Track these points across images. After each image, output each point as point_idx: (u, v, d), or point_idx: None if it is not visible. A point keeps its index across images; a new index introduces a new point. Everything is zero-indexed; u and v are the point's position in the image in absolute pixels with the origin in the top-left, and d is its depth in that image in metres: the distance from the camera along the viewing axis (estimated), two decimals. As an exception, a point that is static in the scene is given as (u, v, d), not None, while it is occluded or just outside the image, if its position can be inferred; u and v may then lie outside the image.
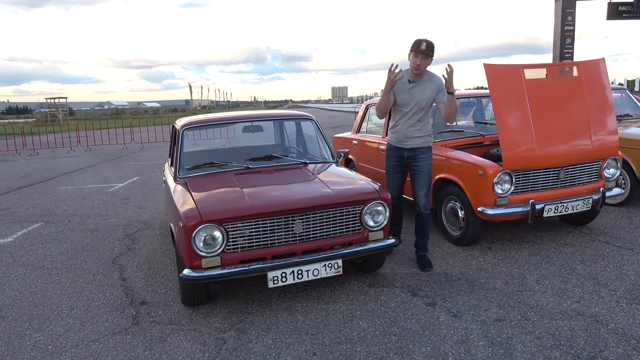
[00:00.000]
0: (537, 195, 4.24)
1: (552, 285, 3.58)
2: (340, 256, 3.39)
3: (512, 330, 2.96)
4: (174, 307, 3.60)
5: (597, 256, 4.11)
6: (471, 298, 3.45)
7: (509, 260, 4.13)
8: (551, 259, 4.11)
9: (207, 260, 3.18)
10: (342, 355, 2.80)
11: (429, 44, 3.75)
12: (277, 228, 3.29)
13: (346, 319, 3.24)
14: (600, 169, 4.48)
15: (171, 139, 5.55)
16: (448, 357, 2.71)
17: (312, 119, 4.72)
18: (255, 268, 3.22)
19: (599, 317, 3.06)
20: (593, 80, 4.40)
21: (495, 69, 4.18)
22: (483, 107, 5.96)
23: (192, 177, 3.93)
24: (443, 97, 3.82)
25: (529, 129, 4.13)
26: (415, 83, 3.91)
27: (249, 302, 3.60)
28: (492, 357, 2.68)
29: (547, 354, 2.68)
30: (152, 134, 20.16)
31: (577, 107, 4.31)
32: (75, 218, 6.60)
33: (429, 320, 3.15)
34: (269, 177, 3.95)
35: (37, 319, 3.51)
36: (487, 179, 4.10)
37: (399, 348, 2.83)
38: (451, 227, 4.66)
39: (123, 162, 13.04)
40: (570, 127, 4.27)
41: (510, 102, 4.16)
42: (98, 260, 4.77)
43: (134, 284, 4.11)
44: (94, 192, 8.54)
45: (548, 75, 4.31)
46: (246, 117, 4.68)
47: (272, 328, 3.18)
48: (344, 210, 3.44)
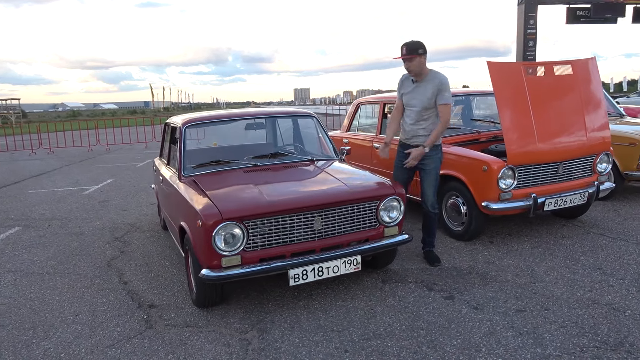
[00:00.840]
0: (538, 189, 4.35)
1: (561, 276, 3.68)
2: (359, 252, 3.37)
3: (535, 320, 3.02)
4: (186, 309, 3.48)
5: (596, 247, 4.25)
6: (487, 291, 3.49)
7: (513, 254, 4.22)
8: (553, 251, 4.23)
9: (227, 259, 3.09)
10: (374, 350, 2.78)
11: (408, 46, 3.88)
12: (296, 225, 3.24)
13: (368, 315, 3.22)
14: (593, 164, 4.65)
15: (162, 137, 5.39)
16: (481, 349, 2.73)
17: (313, 116, 4.68)
18: (276, 266, 3.16)
19: (614, 305, 3.16)
20: (586, 78, 4.57)
21: (497, 67, 4.27)
22: (471, 105, 6.07)
23: (199, 176, 3.82)
24: (441, 99, 3.90)
25: (530, 125, 4.24)
26: (418, 83, 4.00)
27: (264, 301, 3.53)
28: (523, 346, 2.72)
29: (575, 341, 2.75)
30: (119, 136, 19.56)
31: (573, 104, 4.46)
32: (55, 222, 6.30)
33: (452, 314, 3.17)
34: (281, 174, 3.89)
35: (41, 326, 3.32)
36: (492, 174, 4.18)
37: (429, 342, 2.84)
38: (453, 222, 4.72)
39: (91, 165, 12.58)
40: (568, 123, 4.41)
41: (513, 99, 4.26)
42: (92, 264, 4.57)
43: (136, 287, 3.96)
44: (68, 195, 8.19)
45: (546, 73, 4.43)
46: (248, 114, 4.60)
47: (295, 327, 3.12)
48: (361, 207, 3.42)
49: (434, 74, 3.97)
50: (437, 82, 3.92)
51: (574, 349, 2.67)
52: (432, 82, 3.94)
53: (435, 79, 3.93)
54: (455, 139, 5.04)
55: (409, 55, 3.87)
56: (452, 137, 5.09)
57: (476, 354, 2.67)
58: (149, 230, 5.69)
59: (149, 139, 18.33)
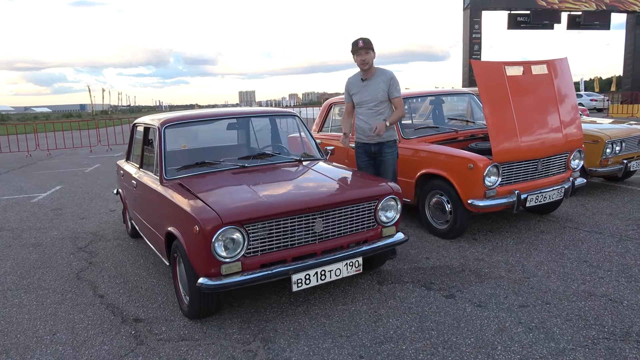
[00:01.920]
0: (520, 186, 4.43)
1: (552, 270, 3.76)
2: (360, 254, 3.28)
3: (540, 315, 3.04)
4: (176, 321, 3.25)
5: (576, 241, 4.39)
6: (485, 287, 3.50)
7: (499, 250, 4.27)
8: (537, 246, 4.32)
9: (228, 266, 2.90)
10: (390, 354, 2.69)
11: (365, 40, 4.09)
12: (297, 228, 3.10)
13: (373, 318, 3.13)
14: (567, 160, 4.81)
15: (131, 139, 5.06)
16: (496, 347, 2.71)
17: (296, 116, 4.55)
18: (279, 271, 3.00)
19: (610, 296, 3.24)
20: (561, 77, 4.71)
21: (481, 66, 4.33)
22: (441, 105, 6.15)
23: (185, 178, 3.59)
24: (395, 92, 4.12)
25: (513, 123, 4.31)
26: (368, 80, 4.19)
27: (260, 309, 3.35)
28: (536, 342, 2.73)
29: (584, 334, 2.78)
30: (60, 140, 18.45)
31: (549, 103, 4.58)
32: (6, 233, 5.78)
33: (457, 313, 3.13)
34: (272, 175, 3.73)
35: (15, 349, 2.99)
36: (478, 171, 4.21)
37: (443, 342, 2.78)
38: (437, 221, 4.73)
39: (34, 171, 11.75)
40: (546, 121, 4.53)
41: (497, 97, 4.32)
42: (58, 278, 4.20)
43: (115, 300, 3.66)
44: (14, 204, 7.57)
45: (524, 73, 4.53)
46: (229, 113, 4.39)
47: (301, 334, 2.98)
48: (360, 207, 3.33)
49: (382, 71, 4.22)
50: (387, 77, 4.15)
51: (585, 341, 2.70)
52: (382, 77, 4.16)
53: (384, 75, 4.17)
54: (434, 137, 5.07)
55: (366, 47, 4.07)
56: (432, 136, 5.12)
57: (493, 352, 2.65)
58: (115, 239, 5.33)
59: (93, 143, 17.43)
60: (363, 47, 4.06)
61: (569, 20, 21.71)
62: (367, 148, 4.32)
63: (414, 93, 5.93)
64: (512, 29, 21.51)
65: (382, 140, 4.22)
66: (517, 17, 21.07)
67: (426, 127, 5.28)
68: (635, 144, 6.02)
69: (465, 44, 20.89)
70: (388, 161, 4.27)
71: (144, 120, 4.50)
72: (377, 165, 4.32)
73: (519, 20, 21.17)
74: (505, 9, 20.83)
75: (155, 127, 3.97)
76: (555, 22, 21.39)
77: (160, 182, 3.67)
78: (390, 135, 4.25)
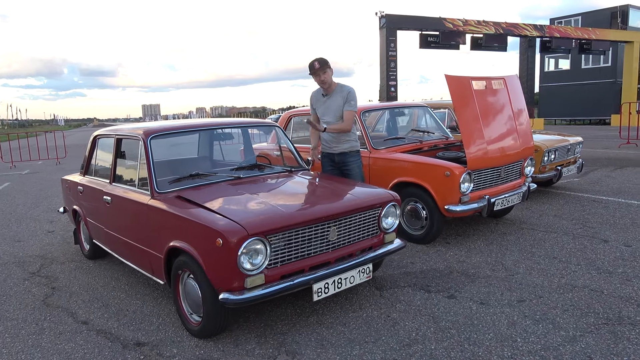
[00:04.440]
0: (487, 192, 4.77)
1: (530, 267, 4.08)
2: (370, 260, 3.35)
3: (539, 307, 3.29)
4: (185, 342, 3.07)
5: (539, 240, 4.80)
6: (479, 286, 3.71)
7: (475, 251, 4.55)
8: (506, 246, 4.66)
9: (252, 279, 2.82)
10: (423, 355, 2.76)
11: (320, 60, 4.31)
12: (313, 237, 3.09)
13: (390, 322, 3.19)
14: (522, 167, 5.26)
15: (91, 152, 4.68)
16: (516, 339, 2.89)
17: (277, 126, 4.53)
18: (300, 281, 2.97)
19: (590, 287, 3.60)
20: (513, 92, 5.17)
21: (453, 80, 4.60)
22: (395, 118, 6.44)
23: (182, 191, 3.42)
24: (347, 106, 4.35)
25: (482, 134, 4.65)
26: (329, 95, 4.44)
27: (270, 322, 3.28)
28: (548, 332, 2.95)
29: (585, 321, 3.07)
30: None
31: (507, 115, 5.00)
32: None
33: (466, 311, 3.30)
34: (275, 186, 3.67)
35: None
36: (454, 178, 4.47)
37: (467, 339, 2.92)
38: (412, 227, 4.92)
39: None
40: (506, 131, 4.93)
41: (468, 109, 4.63)
42: (22, 306, 3.78)
43: (103, 325, 3.37)
44: None
45: (487, 87, 4.91)
46: (213, 124, 4.24)
47: (325, 344, 2.96)
48: (368, 214, 3.40)
49: (341, 87, 4.43)
50: (345, 93, 4.38)
51: (589, 327, 2.98)
52: (341, 93, 4.38)
53: (343, 91, 4.39)
54: (402, 148, 5.29)
55: (322, 68, 4.29)
56: (399, 146, 5.34)
57: (516, 344, 2.83)
58: (69, 261, 4.88)
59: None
60: (320, 68, 4.28)
61: (472, 41, 23.61)
62: (332, 157, 4.61)
63: (373, 106, 6.16)
64: (423, 48, 22.93)
65: (345, 150, 4.50)
66: (428, 37, 22.53)
67: (393, 138, 5.49)
68: (565, 152, 6.73)
69: (383, 62, 21.91)
70: (353, 169, 4.53)
71: (115, 132, 4.21)
72: (344, 175, 4.51)
73: (430, 40, 22.64)
74: (418, 29, 22.19)
75: (137, 138, 3.74)
76: (461, 43, 23.16)
77: (151, 196, 3.46)
78: (352, 146, 4.52)
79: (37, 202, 8.47)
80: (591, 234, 4.93)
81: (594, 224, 5.28)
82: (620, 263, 4.06)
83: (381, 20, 21.62)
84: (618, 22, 28.44)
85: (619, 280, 3.70)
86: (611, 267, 3.97)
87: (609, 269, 3.93)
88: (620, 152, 12.09)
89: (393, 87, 21.99)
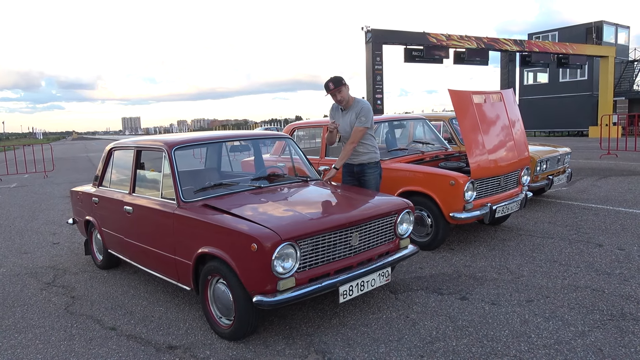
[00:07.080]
0: (488, 200, 5.02)
1: (533, 270, 4.31)
2: (389, 264, 3.53)
3: (547, 306, 3.52)
4: (216, 344, 3.20)
5: (538, 245, 5.05)
6: (488, 288, 3.92)
7: (479, 257, 4.77)
8: (507, 251, 4.90)
9: (284, 282, 2.97)
10: (447, 351, 2.95)
11: (334, 80, 4.47)
12: (337, 242, 3.27)
13: (410, 323, 3.38)
14: (519, 177, 5.53)
15: (107, 163, 4.79)
16: (530, 335, 3.10)
17: (290, 138, 4.72)
18: (328, 284, 3.13)
19: (592, 287, 3.84)
20: (510, 105, 5.46)
21: (456, 94, 4.86)
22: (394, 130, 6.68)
23: (208, 200, 3.57)
24: (358, 123, 4.50)
25: (483, 145, 4.90)
26: (346, 110, 4.63)
27: (293, 324, 3.43)
28: (559, 328, 3.17)
29: (591, 317, 3.29)
30: None
31: (505, 127, 5.28)
32: (-60, 273, 5.07)
33: (480, 311, 3.50)
34: (297, 195, 3.85)
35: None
36: (459, 187, 4.70)
37: (486, 336, 3.11)
38: (417, 234, 5.13)
39: None
40: (505, 142, 5.20)
41: (470, 122, 4.89)
42: (45, 315, 3.86)
43: (132, 331, 3.48)
44: None
45: (485, 101, 5.18)
46: (230, 136, 4.42)
47: (351, 343, 3.12)
48: (386, 221, 3.59)
49: (357, 102, 4.59)
50: (359, 108, 4.52)
51: (596, 323, 3.21)
52: (355, 109, 4.53)
53: (357, 106, 4.54)
54: (406, 158, 5.53)
55: (337, 88, 4.45)
56: (402, 157, 5.57)
57: (531, 340, 3.03)
58: (83, 272, 4.96)
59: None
60: (335, 89, 4.45)
61: (454, 55, 24.23)
62: (350, 168, 4.74)
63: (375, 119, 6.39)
64: (408, 62, 23.45)
65: (363, 161, 4.64)
66: (412, 51, 23.07)
67: (397, 149, 5.73)
68: (555, 162, 7.06)
69: (369, 76, 22.33)
70: (369, 181, 4.66)
71: (134, 144, 4.34)
72: (361, 185, 4.66)
73: (414, 54, 23.18)
74: (402, 43, 22.71)
75: (161, 149, 3.89)
76: (444, 57, 23.77)
77: (177, 204, 3.60)
78: (371, 158, 4.66)
79: (34, 215, 8.46)
80: (586, 239, 5.21)
81: (587, 230, 5.56)
82: (616, 265, 4.32)
83: (367, 35, 22.08)
84: (593, 38, 29.50)
85: (617, 280, 3.96)
86: (609, 269, 4.23)
87: (607, 271, 4.19)
88: (602, 163, 12.58)
89: (379, 100, 22.40)
